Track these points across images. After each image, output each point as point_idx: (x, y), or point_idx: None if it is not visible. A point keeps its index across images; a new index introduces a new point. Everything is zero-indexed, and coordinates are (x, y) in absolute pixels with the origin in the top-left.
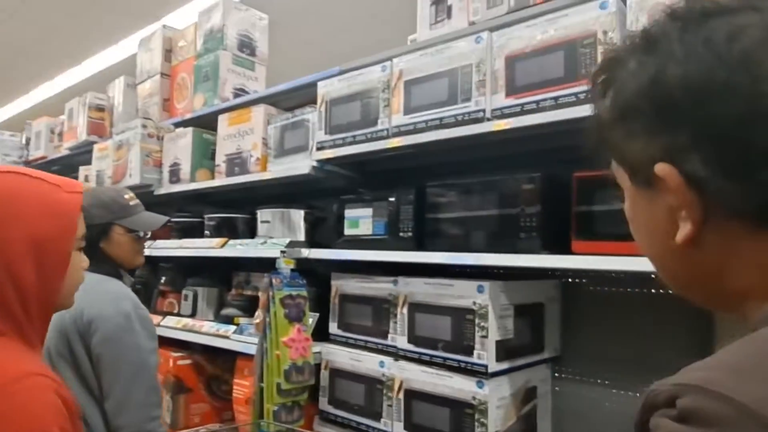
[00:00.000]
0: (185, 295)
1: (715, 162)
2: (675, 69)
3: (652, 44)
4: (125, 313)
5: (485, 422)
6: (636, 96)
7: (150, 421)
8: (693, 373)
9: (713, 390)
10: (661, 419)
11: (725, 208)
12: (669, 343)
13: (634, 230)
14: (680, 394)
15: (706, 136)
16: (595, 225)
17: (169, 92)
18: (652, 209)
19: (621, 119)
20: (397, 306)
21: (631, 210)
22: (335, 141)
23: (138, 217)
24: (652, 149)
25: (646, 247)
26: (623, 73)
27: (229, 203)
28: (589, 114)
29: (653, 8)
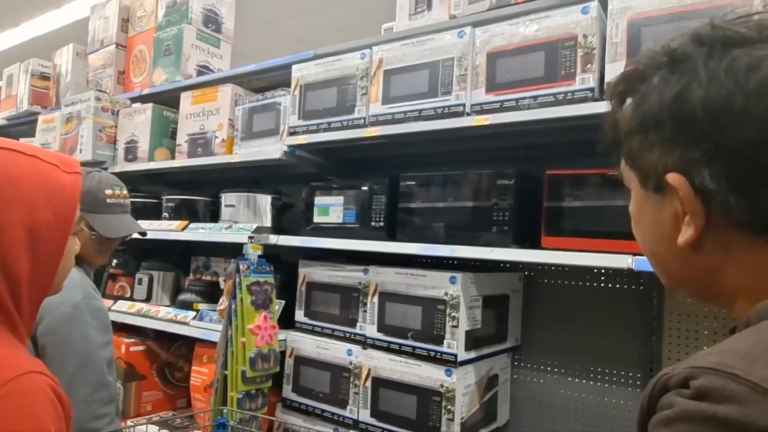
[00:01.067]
0: (139, 279)
1: (724, 178)
2: (698, 90)
3: (677, 64)
4: (73, 302)
5: (452, 409)
6: (658, 110)
7: (95, 420)
8: (705, 358)
9: (727, 371)
10: (675, 398)
11: (726, 218)
12: (619, 334)
13: (636, 229)
14: (695, 376)
15: (720, 154)
16: (565, 222)
17: (124, 64)
18: (658, 213)
19: (640, 129)
20: (368, 295)
21: (637, 211)
22: (309, 126)
23: (107, 218)
24: (666, 159)
25: (647, 245)
26: (646, 86)
27: (188, 184)
28: (567, 114)
29: (632, 17)
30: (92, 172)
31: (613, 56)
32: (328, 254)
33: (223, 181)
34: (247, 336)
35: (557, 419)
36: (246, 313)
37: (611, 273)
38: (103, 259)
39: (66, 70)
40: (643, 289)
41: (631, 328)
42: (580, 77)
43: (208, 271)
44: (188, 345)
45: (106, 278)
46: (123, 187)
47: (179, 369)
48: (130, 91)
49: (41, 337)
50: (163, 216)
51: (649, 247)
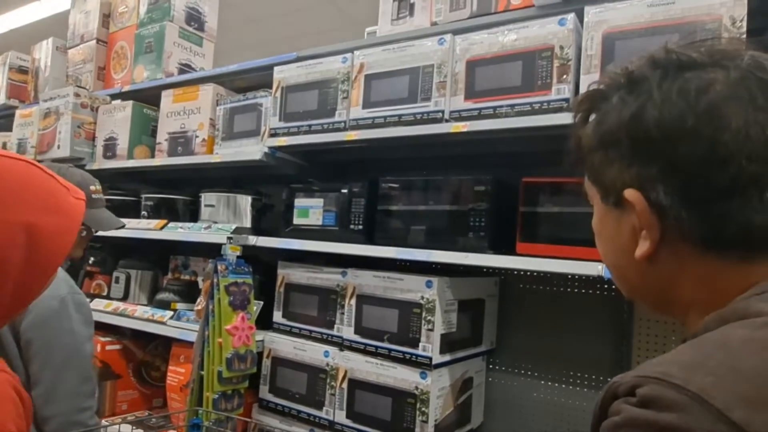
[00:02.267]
0: (116, 277)
1: (677, 194)
2: (652, 110)
3: (634, 85)
4: (60, 296)
5: (426, 411)
6: (617, 128)
7: (80, 412)
8: (651, 368)
9: (669, 381)
10: (622, 405)
11: (679, 233)
12: (592, 339)
13: (599, 242)
14: (641, 384)
15: (672, 171)
16: (539, 229)
17: (105, 60)
18: (617, 226)
19: (600, 146)
20: (345, 297)
21: (598, 224)
22: (290, 128)
23: (93, 213)
24: (624, 175)
25: (608, 258)
26: (606, 105)
27: (167, 183)
28: (542, 124)
29: (607, 30)
30: (70, 167)
31: (588, 68)
32: (307, 256)
33: (203, 181)
34: (224, 336)
35: (530, 421)
36: (223, 314)
37: (584, 279)
38: (80, 252)
39: (45, 65)
40: (615, 295)
41: (602, 333)
42: (555, 87)
43: (186, 270)
44: (165, 344)
45: (83, 276)
46: (98, 182)
47: (156, 368)
48: (110, 87)
49: (27, 331)
50: (141, 214)
51: (610, 260)
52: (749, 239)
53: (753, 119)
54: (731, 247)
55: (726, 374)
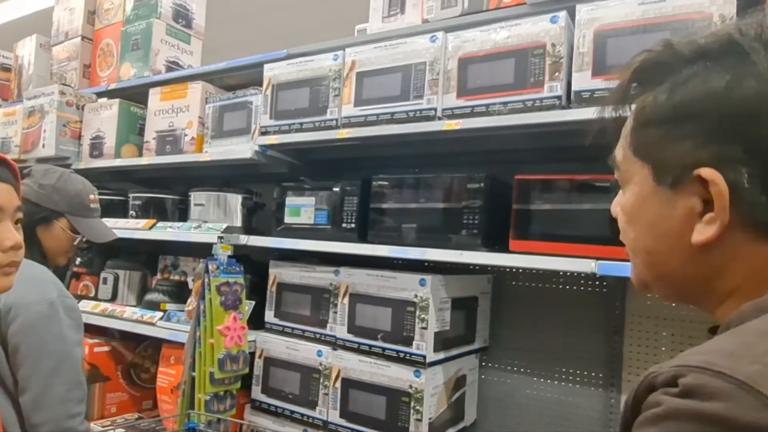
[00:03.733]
0: (104, 278)
1: (759, 177)
2: (753, 83)
3: (727, 55)
4: (49, 300)
5: (420, 409)
6: (701, 99)
7: (69, 419)
8: (692, 357)
9: (713, 369)
10: (662, 396)
11: (748, 218)
12: (584, 336)
13: (630, 225)
14: (682, 374)
15: (761, 152)
16: (532, 226)
17: (91, 58)
18: (667, 209)
19: (671, 119)
20: (338, 296)
21: (636, 206)
22: (281, 127)
23: (90, 222)
24: (699, 153)
25: (642, 242)
26: (686, 72)
27: (155, 182)
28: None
29: (599, 28)
30: (72, 174)
31: (580, 66)
32: (300, 255)
33: (192, 180)
34: (216, 337)
35: (523, 418)
36: (215, 314)
37: (577, 276)
38: (65, 260)
39: (28, 62)
40: (607, 291)
41: (594, 330)
42: (548, 85)
43: (176, 270)
44: (155, 346)
45: (70, 277)
46: (96, 191)
47: (145, 370)
48: (96, 85)
49: (15, 336)
50: (129, 214)
51: (645, 244)
52: None
53: None
54: None
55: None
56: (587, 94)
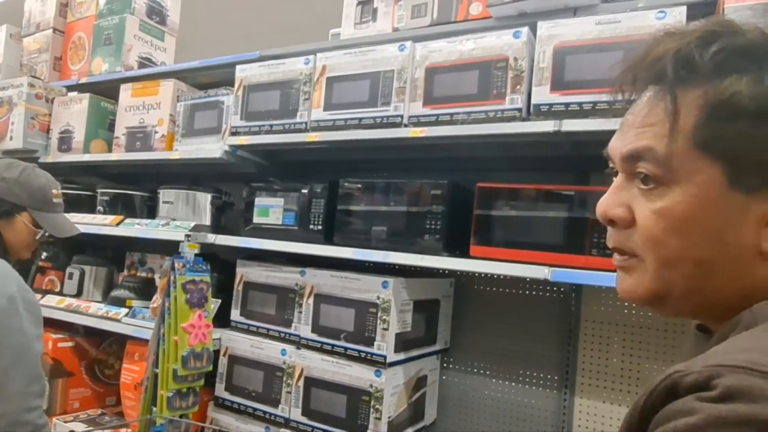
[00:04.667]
0: (70, 273)
1: None
2: None
3: None
4: (9, 294)
5: (379, 408)
6: None
7: (28, 412)
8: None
9: (761, 369)
10: (696, 403)
11: None
12: (540, 339)
13: (680, 233)
14: (721, 374)
15: None
16: (492, 232)
17: (62, 51)
18: (739, 214)
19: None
20: (303, 296)
21: (695, 211)
22: (251, 128)
23: (53, 217)
24: None
25: (695, 251)
26: None
27: (124, 178)
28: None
29: (558, 45)
30: (36, 168)
31: (539, 80)
32: (267, 255)
33: (161, 177)
34: (180, 334)
35: (482, 419)
36: (180, 312)
37: (534, 281)
38: (28, 254)
39: None
40: (563, 297)
41: (550, 334)
42: (509, 97)
43: (143, 267)
44: (119, 342)
45: (35, 271)
46: (59, 185)
47: (109, 366)
48: (66, 78)
49: None
50: (97, 210)
51: (698, 254)
52: None
53: None
54: None
55: None
56: (546, 107)
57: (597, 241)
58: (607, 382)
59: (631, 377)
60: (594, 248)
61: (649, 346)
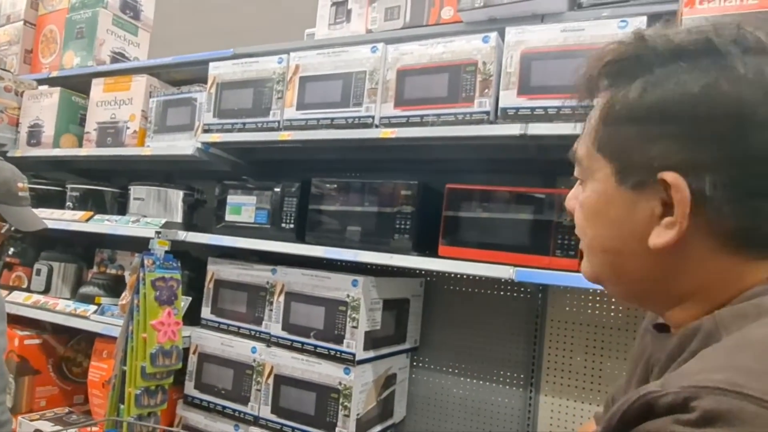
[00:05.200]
0: (38, 269)
1: (725, 186)
2: (728, 88)
3: (706, 55)
4: None
5: (348, 405)
6: (677, 101)
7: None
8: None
9: (739, 391)
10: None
11: (710, 226)
12: (507, 339)
13: (591, 223)
14: (699, 396)
15: (729, 162)
16: (460, 233)
17: (33, 44)
18: (629, 210)
19: (643, 118)
20: (274, 294)
21: (599, 203)
22: (224, 125)
23: (18, 211)
24: (667, 157)
25: (601, 241)
26: (660, 71)
27: (95, 173)
28: (465, 134)
29: (524, 51)
30: (1, 161)
31: (507, 84)
32: (239, 253)
33: (133, 174)
34: (149, 332)
35: (450, 416)
36: (149, 309)
37: (502, 282)
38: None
39: None
40: (530, 298)
41: (517, 334)
42: (478, 100)
43: (113, 264)
44: (88, 340)
45: (2, 267)
46: (26, 179)
47: (77, 364)
48: (37, 72)
49: None
50: (66, 205)
51: (603, 243)
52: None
53: None
54: (755, 244)
55: None
56: (512, 111)
57: (561, 243)
58: (571, 380)
59: (593, 375)
60: (558, 249)
61: (610, 345)
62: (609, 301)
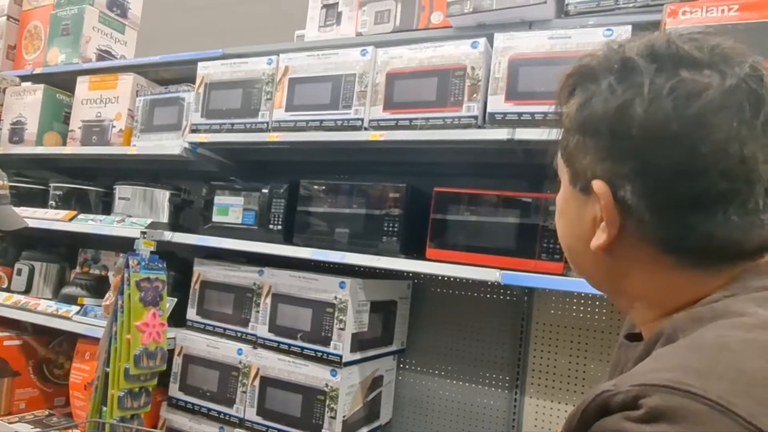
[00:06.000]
0: (19, 269)
1: (644, 196)
2: (639, 108)
3: (627, 74)
4: None
5: (334, 407)
6: (599, 118)
7: None
8: (654, 375)
9: (683, 389)
10: (624, 423)
11: (639, 233)
12: (493, 341)
13: (559, 221)
14: (647, 394)
15: (644, 174)
16: (447, 236)
17: (16, 39)
18: (580, 212)
19: (579, 130)
20: (261, 296)
21: (562, 205)
22: (212, 126)
23: None
24: (596, 166)
25: (565, 239)
26: (593, 88)
27: (79, 172)
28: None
29: (512, 56)
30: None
31: (495, 89)
32: (225, 254)
33: (118, 173)
34: (133, 333)
35: (436, 418)
36: (133, 310)
37: (488, 284)
38: None
39: None
40: (516, 301)
41: (503, 336)
42: (466, 105)
43: (96, 264)
44: (70, 341)
45: None
46: (6, 177)
47: (59, 366)
48: (20, 68)
49: None
50: (49, 204)
51: (567, 241)
52: (708, 249)
53: (735, 134)
54: (689, 253)
55: (737, 378)
56: (500, 116)
57: (547, 246)
58: (556, 382)
59: (578, 377)
60: (544, 253)
61: (594, 347)
62: (594, 304)
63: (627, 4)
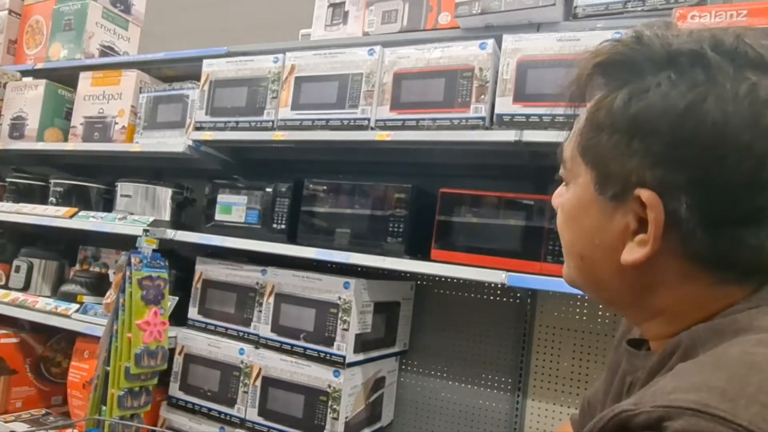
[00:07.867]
0: (17, 266)
1: (701, 211)
2: (713, 109)
3: (693, 68)
4: None
5: (337, 408)
6: (659, 117)
7: None
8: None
9: (711, 413)
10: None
11: (682, 248)
12: (496, 343)
13: (569, 227)
14: (671, 417)
15: (705, 185)
16: (452, 237)
17: (18, 34)
18: (605, 220)
19: (625, 129)
20: (264, 295)
21: (576, 209)
22: (216, 124)
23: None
24: (645, 173)
25: (578, 247)
26: (649, 80)
27: (81, 169)
28: (460, 139)
29: (521, 58)
30: None
31: (503, 91)
32: (228, 253)
33: (121, 170)
34: (134, 331)
35: (438, 420)
36: (134, 308)
37: (492, 286)
38: None
39: None
40: (519, 302)
41: (506, 338)
42: (474, 106)
43: (97, 262)
44: (69, 339)
45: None
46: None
47: (57, 364)
48: (21, 63)
49: None
50: (49, 201)
51: (580, 249)
52: (754, 265)
53: None
54: (732, 269)
55: None
56: (508, 117)
57: (552, 249)
58: (558, 384)
59: (580, 380)
60: (549, 255)
61: (597, 350)
62: (597, 307)
63: (635, 8)
